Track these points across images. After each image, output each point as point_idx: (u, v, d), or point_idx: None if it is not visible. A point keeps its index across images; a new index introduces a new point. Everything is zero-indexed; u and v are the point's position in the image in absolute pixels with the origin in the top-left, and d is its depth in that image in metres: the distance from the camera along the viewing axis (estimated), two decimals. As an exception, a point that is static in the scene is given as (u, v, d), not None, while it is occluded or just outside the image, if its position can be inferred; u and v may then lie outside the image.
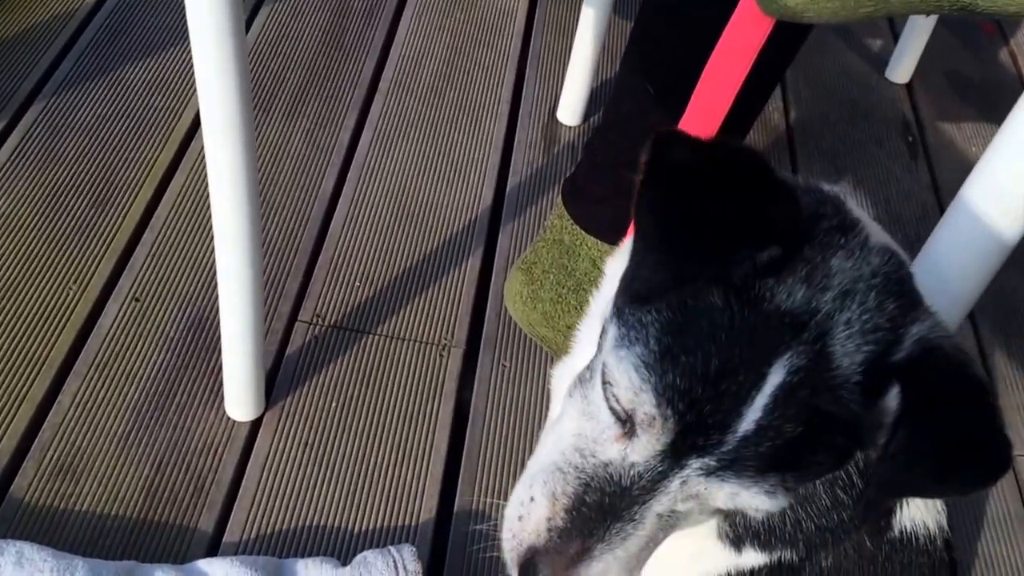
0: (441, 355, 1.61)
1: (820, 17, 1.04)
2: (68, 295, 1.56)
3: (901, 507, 0.92)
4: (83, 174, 1.74)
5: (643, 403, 0.73)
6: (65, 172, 1.73)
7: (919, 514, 0.94)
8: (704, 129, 1.28)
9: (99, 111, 1.84)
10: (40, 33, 1.96)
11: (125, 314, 1.56)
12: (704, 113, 1.22)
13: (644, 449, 0.74)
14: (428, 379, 1.58)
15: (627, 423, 0.76)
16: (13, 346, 1.49)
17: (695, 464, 0.73)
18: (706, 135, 1.29)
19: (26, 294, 1.55)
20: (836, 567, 0.92)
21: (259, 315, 1.37)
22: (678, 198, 0.73)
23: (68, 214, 1.67)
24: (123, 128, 1.83)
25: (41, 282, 1.57)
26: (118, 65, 1.93)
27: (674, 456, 0.73)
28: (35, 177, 1.71)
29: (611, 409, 0.77)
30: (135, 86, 1.90)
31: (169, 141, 1.82)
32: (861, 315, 0.72)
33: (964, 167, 1.00)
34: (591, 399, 0.80)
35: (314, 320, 1.62)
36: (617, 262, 0.90)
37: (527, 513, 0.80)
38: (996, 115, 0.96)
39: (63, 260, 1.61)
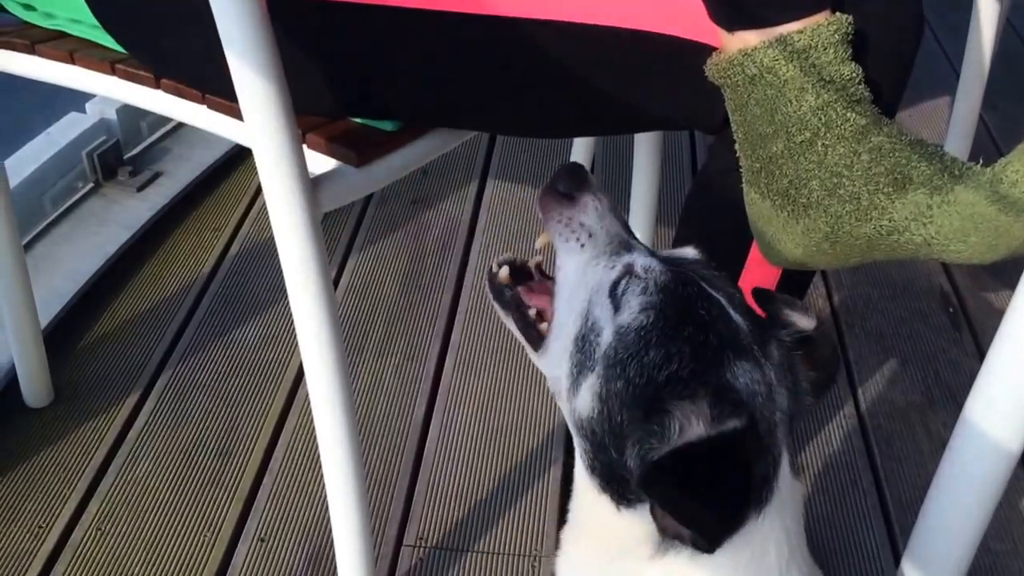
0: (533, 566, 1.77)
1: (817, 267, 1.26)
2: (203, 542, 1.78)
3: None
4: (208, 430, 1.99)
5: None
6: (193, 430, 1.99)
7: None
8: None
9: (218, 370, 2.12)
10: (166, 306, 2.27)
11: (253, 555, 1.77)
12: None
13: None
14: (524, 590, 1.74)
15: None
16: (160, 594, 1.71)
17: None
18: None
19: (168, 546, 1.77)
20: None
21: (369, 544, 1.56)
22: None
23: (198, 468, 1.91)
24: (239, 384, 2.09)
25: (179, 534, 1.80)
26: (232, 326, 2.22)
27: None
28: (168, 438, 1.97)
29: None
30: (247, 343, 2.18)
31: (279, 391, 2.08)
32: None
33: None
34: None
35: (418, 543, 1.81)
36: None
37: None
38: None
39: (196, 511, 1.83)
